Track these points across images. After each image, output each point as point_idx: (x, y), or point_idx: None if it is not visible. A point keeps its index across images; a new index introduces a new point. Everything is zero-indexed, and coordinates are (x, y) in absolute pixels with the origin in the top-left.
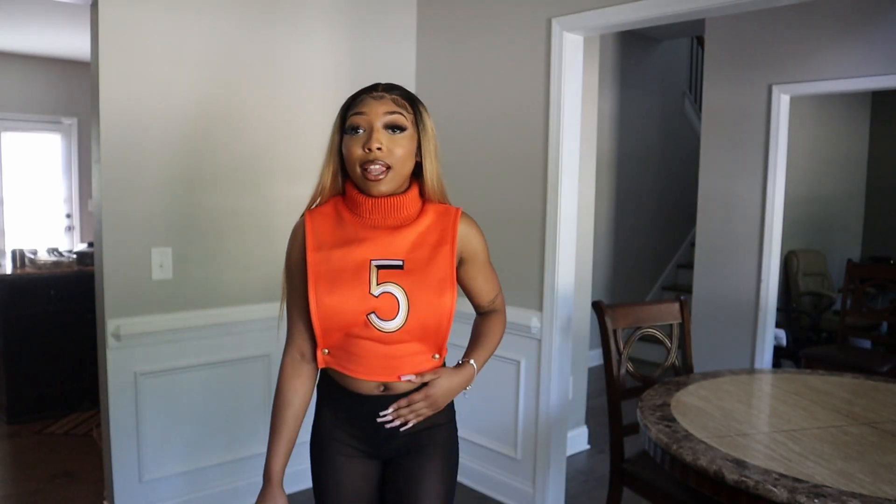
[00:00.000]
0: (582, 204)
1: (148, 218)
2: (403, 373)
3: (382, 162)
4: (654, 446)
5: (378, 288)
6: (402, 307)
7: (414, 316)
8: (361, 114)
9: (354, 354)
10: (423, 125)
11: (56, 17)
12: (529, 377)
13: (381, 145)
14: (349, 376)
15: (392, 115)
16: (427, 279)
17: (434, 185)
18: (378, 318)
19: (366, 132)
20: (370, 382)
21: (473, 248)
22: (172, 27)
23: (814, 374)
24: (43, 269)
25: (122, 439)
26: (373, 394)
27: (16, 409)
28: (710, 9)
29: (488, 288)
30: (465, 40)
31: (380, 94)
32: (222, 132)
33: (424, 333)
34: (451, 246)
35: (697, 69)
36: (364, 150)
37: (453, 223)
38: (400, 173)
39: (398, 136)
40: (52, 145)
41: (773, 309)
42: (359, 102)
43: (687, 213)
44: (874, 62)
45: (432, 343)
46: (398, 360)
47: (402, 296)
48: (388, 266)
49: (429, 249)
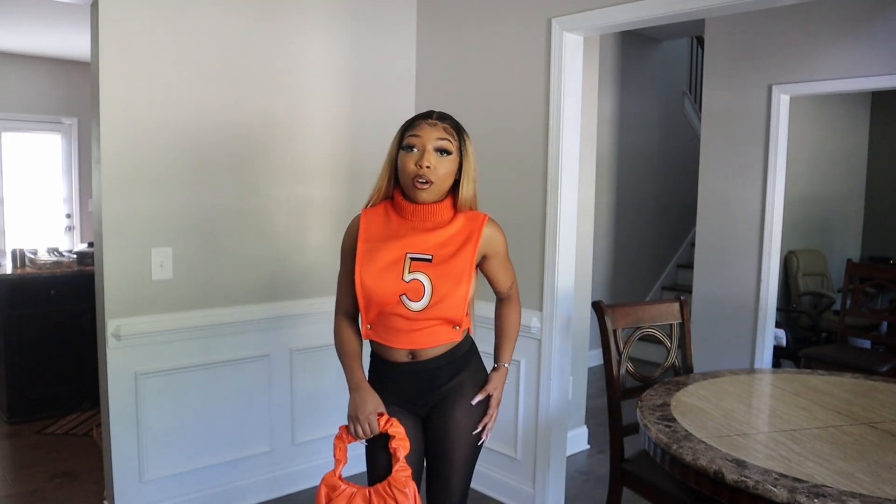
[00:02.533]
0: (582, 204)
1: (148, 218)
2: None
3: (428, 178)
4: (654, 446)
5: (410, 275)
6: (426, 291)
7: (436, 299)
8: (417, 136)
9: (389, 328)
10: (465, 151)
11: (56, 17)
12: (529, 377)
13: (431, 164)
14: (385, 346)
15: (442, 141)
16: (449, 271)
17: (466, 200)
18: (408, 299)
19: (419, 151)
20: (401, 350)
21: (496, 248)
22: (172, 27)
23: (814, 374)
24: (43, 269)
25: (122, 439)
26: (403, 360)
27: (16, 409)
28: (710, 9)
29: (507, 279)
30: (465, 40)
31: (434, 121)
32: (222, 132)
33: (447, 313)
34: (473, 245)
35: (697, 69)
36: (416, 165)
37: (479, 227)
38: (441, 187)
39: (444, 158)
40: (52, 145)
41: (773, 309)
42: (416, 126)
43: (687, 213)
44: (874, 62)
45: (451, 320)
46: (422, 331)
47: (427, 283)
48: (420, 259)
49: (455, 248)
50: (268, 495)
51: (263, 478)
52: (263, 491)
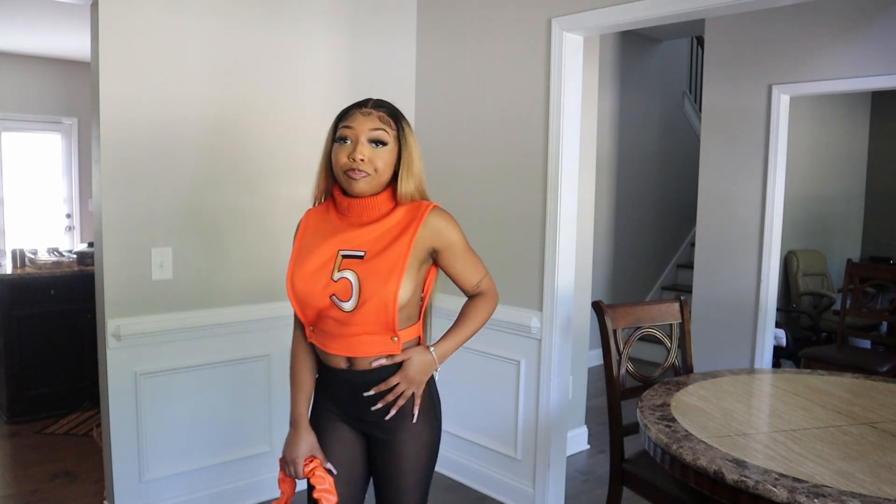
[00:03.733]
0: (582, 204)
1: (148, 218)
2: (365, 352)
3: (363, 171)
4: (654, 446)
5: (338, 274)
6: (354, 290)
7: (363, 298)
8: (349, 127)
9: (326, 332)
10: (404, 140)
11: (56, 17)
12: (529, 377)
13: (364, 157)
14: (324, 351)
15: (376, 132)
16: (378, 267)
17: (406, 194)
18: (338, 300)
19: (352, 143)
20: (338, 357)
21: (446, 240)
22: (172, 27)
23: (814, 374)
24: (43, 269)
25: (122, 439)
26: (340, 367)
27: (16, 409)
28: (710, 9)
29: (470, 274)
30: (465, 40)
31: (368, 110)
32: (222, 132)
33: (375, 314)
34: (410, 237)
35: (697, 69)
36: (349, 158)
37: (421, 216)
38: (378, 179)
39: (380, 149)
40: (52, 145)
41: (773, 309)
42: (349, 116)
43: (687, 213)
44: (874, 62)
45: (384, 325)
46: (357, 338)
47: (355, 281)
48: (352, 255)
49: (389, 241)
50: (268, 495)
51: (263, 478)
52: (263, 491)
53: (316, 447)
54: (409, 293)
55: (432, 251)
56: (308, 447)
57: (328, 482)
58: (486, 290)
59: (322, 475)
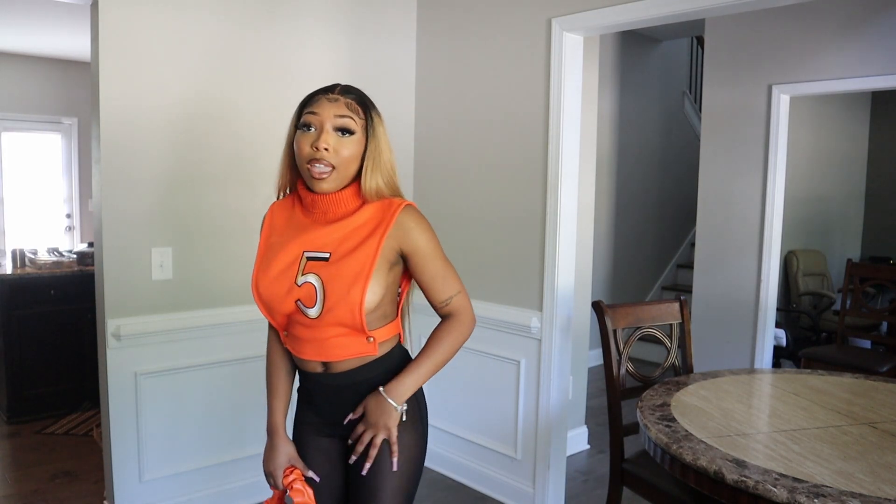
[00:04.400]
0: (582, 204)
1: (148, 218)
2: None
3: (327, 161)
4: (654, 446)
5: (302, 278)
6: (318, 297)
7: (328, 305)
8: (314, 113)
9: (297, 337)
10: (372, 131)
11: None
12: (529, 377)
13: (329, 146)
14: (298, 356)
15: (342, 119)
16: (342, 271)
17: (370, 191)
18: (303, 305)
19: (316, 131)
20: (312, 361)
21: (413, 243)
22: (172, 27)
23: (814, 374)
24: (43, 269)
25: (122, 439)
26: (316, 371)
27: (16, 409)
28: (710, 9)
29: (438, 287)
30: (465, 40)
31: (335, 96)
32: (222, 132)
33: (341, 322)
34: (379, 239)
35: (697, 69)
36: (312, 147)
37: (391, 216)
38: (343, 174)
39: (346, 139)
40: (52, 145)
41: (773, 309)
42: (314, 102)
43: (687, 213)
44: (874, 62)
45: (354, 329)
46: (328, 341)
47: (319, 286)
48: (317, 258)
49: (356, 242)
50: (268, 495)
51: (263, 478)
52: (263, 491)
53: (295, 456)
54: (377, 297)
55: (401, 254)
56: (286, 457)
57: (307, 494)
58: (457, 311)
59: (301, 488)
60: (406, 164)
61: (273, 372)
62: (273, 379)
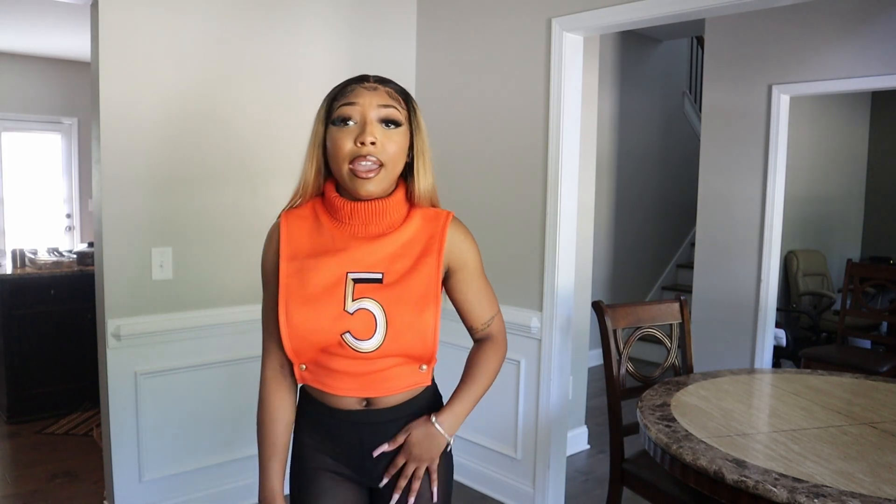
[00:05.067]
0: (582, 204)
1: (148, 218)
2: (388, 389)
3: (375, 158)
4: (654, 446)
5: (353, 304)
6: (379, 325)
7: (392, 336)
8: (353, 104)
9: (332, 370)
10: (416, 122)
11: (56, 17)
12: (529, 377)
13: (376, 139)
14: (329, 392)
15: (387, 109)
16: (407, 294)
17: (426, 191)
18: (353, 338)
19: (358, 124)
20: (349, 398)
21: (463, 257)
22: (172, 27)
23: (814, 374)
24: (43, 269)
25: (122, 439)
26: (353, 409)
27: (16, 409)
28: (710, 9)
29: (482, 307)
30: (465, 40)
31: (373, 84)
32: (223, 132)
33: (406, 352)
34: (437, 255)
35: (697, 69)
36: (356, 143)
37: (442, 229)
38: (391, 173)
39: (392, 131)
40: (52, 145)
41: (773, 309)
42: (350, 92)
43: (687, 213)
44: (874, 62)
45: (425, 358)
46: (379, 373)
47: (379, 313)
48: (366, 280)
49: (412, 260)
50: None
51: None
52: None
53: None
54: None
55: (447, 270)
56: None
57: None
58: (495, 334)
59: None
60: None
61: (269, 424)
62: (269, 433)
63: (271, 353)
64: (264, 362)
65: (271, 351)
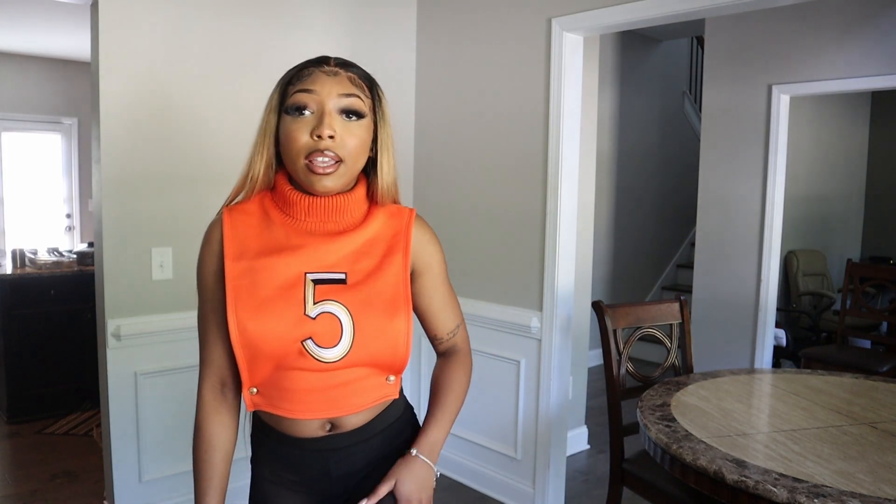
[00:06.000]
0: (582, 204)
1: (148, 218)
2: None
3: (333, 153)
4: (654, 446)
5: (315, 308)
6: (345, 331)
7: (360, 342)
8: (309, 91)
9: (289, 390)
10: (381, 113)
11: (56, 17)
12: (529, 377)
13: (335, 133)
14: (286, 417)
15: (349, 98)
16: (375, 296)
17: (389, 187)
18: (316, 346)
19: (315, 115)
20: (312, 422)
21: (429, 260)
22: (172, 27)
23: (814, 374)
24: (43, 269)
25: (122, 439)
26: (317, 435)
27: (16, 409)
28: (710, 9)
29: (447, 315)
30: (465, 40)
31: (333, 69)
32: (223, 132)
33: (373, 362)
34: (404, 255)
35: (697, 69)
36: (313, 136)
37: (406, 226)
38: (352, 169)
39: (354, 123)
40: (52, 145)
41: (773, 309)
42: (307, 76)
43: (687, 213)
44: (874, 62)
45: (394, 369)
46: (343, 387)
47: (345, 317)
48: (328, 280)
49: (376, 259)
50: None
51: None
52: None
53: None
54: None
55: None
56: None
57: None
58: (461, 345)
59: None
60: (406, 165)
61: (205, 454)
62: (204, 464)
63: (210, 369)
64: (201, 381)
65: (211, 366)
